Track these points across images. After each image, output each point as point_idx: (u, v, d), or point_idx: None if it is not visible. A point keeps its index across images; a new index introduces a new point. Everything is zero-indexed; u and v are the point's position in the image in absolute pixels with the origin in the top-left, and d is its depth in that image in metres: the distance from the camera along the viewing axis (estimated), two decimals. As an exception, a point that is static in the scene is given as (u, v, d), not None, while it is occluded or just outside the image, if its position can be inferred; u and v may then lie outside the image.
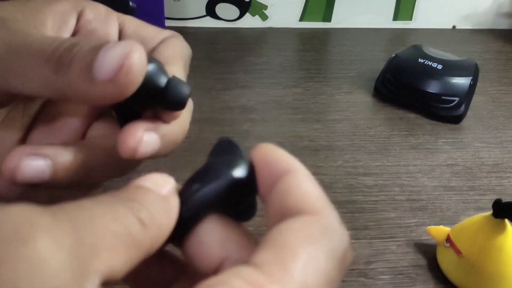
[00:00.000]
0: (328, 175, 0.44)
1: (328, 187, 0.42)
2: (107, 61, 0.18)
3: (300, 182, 0.17)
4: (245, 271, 0.14)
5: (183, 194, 0.17)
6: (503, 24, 0.82)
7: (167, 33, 0.28)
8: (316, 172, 0.44)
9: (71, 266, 0.13)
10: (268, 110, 0.54)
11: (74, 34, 0.26)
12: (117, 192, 0.16)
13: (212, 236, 0.17)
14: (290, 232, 0.15)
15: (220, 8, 0.75)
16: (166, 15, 0.64)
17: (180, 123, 0.23)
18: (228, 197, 0.17)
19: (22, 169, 0.21)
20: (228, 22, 0.76)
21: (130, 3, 0.60)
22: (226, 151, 0.19)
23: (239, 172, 0.17)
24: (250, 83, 0.59)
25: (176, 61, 0.25)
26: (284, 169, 0.17)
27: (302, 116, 0.53)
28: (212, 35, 0.73)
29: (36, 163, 0.21)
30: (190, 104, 0.24)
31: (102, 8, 0.27)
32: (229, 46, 0.70)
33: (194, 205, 0.17)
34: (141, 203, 0.16)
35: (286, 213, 0.16)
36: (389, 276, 0.34)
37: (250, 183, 0.17)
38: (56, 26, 0.25)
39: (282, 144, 0.17)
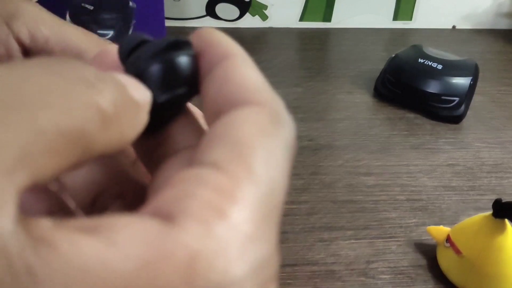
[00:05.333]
0: (329, 174, 0.44)
1: (328, 186, 0.42)
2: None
3: (239, 68, 0.14)
4: (208, 176, 0.12)
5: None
6: (503, 24, 0.82)
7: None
8: (317, 171, 0.44)
9: None
10: (268, 110, 0.54)
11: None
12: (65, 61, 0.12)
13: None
14: (241, 125, 0.13)
15: (220, 8, 0.75)
16: (166, 15, 0.64)
17: None
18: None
19: None
20: (228, 22, 0.76)
21: (130, 3, 0.60)
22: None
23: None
24: (251, 83, 0.59)
25: None
26: (222, 54, 0.14)
27: (302, 115, 0.53)
28: (212, 35, 0.73)
29: None
30: None
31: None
32: (229, 46, 0.70)
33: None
34: (105, 83, 0.11)
35: (227, 104, 0.14)
36: (389, 276, 0.34)
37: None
38: None
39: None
